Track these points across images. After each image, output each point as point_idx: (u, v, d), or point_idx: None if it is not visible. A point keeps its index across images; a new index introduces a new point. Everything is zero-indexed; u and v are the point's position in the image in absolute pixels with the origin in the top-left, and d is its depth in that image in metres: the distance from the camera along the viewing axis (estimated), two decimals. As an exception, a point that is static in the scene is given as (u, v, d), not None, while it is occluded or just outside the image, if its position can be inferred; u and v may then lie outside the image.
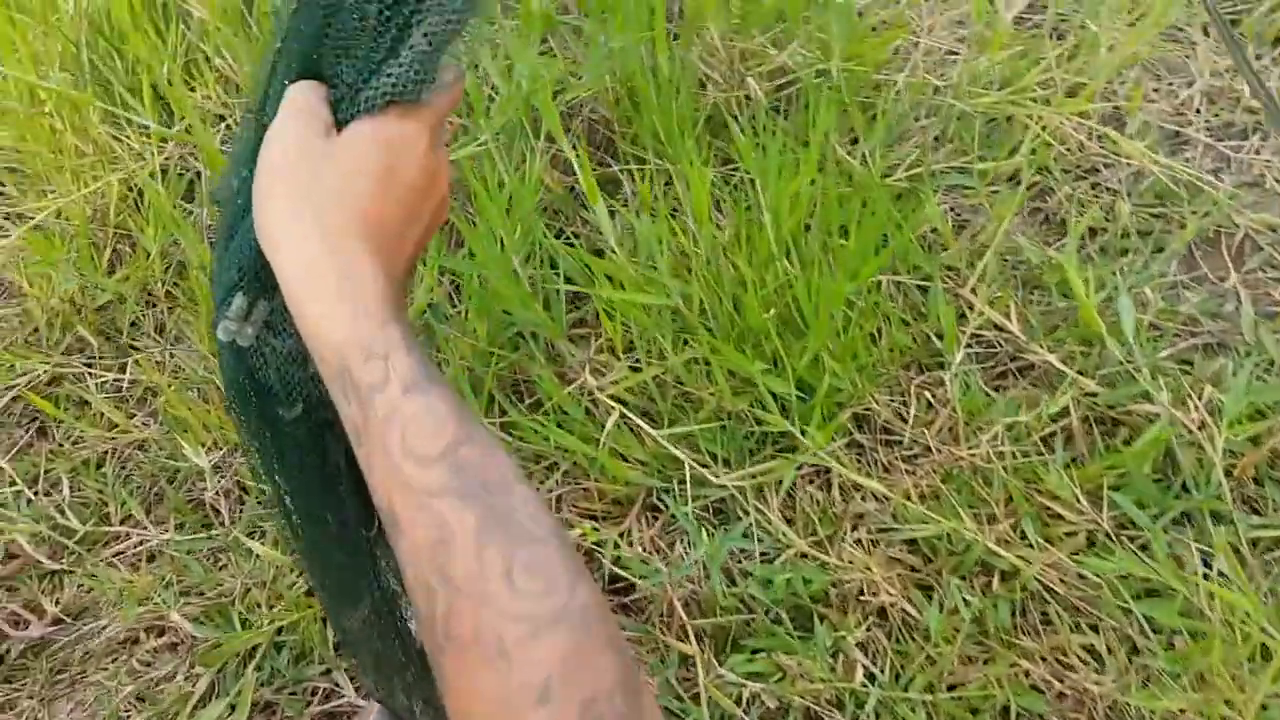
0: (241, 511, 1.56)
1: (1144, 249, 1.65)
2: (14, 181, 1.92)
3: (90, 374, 1.69)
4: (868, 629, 1.35)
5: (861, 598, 1.36)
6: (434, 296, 1.56)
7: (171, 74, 1.82)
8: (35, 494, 1.59)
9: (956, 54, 1.84)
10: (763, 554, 1.40)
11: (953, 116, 1.75)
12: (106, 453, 1.64)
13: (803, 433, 1.42)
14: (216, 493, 1.57)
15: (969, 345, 1.56)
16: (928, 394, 1.51)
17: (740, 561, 1.39)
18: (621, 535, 1.44)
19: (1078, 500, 1.40)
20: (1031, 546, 1.37)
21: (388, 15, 0.61)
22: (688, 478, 1.40)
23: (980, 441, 1.45)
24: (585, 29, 1.78)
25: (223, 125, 1.84)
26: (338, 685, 1.39)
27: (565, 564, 0.52)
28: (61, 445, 1.65)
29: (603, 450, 1.42)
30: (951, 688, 1.30)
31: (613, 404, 1.45)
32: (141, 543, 1.54)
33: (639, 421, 1.43)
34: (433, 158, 0.63)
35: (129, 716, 1.39)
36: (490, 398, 1.51)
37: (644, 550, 1.41)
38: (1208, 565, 1.33)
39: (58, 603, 1.48)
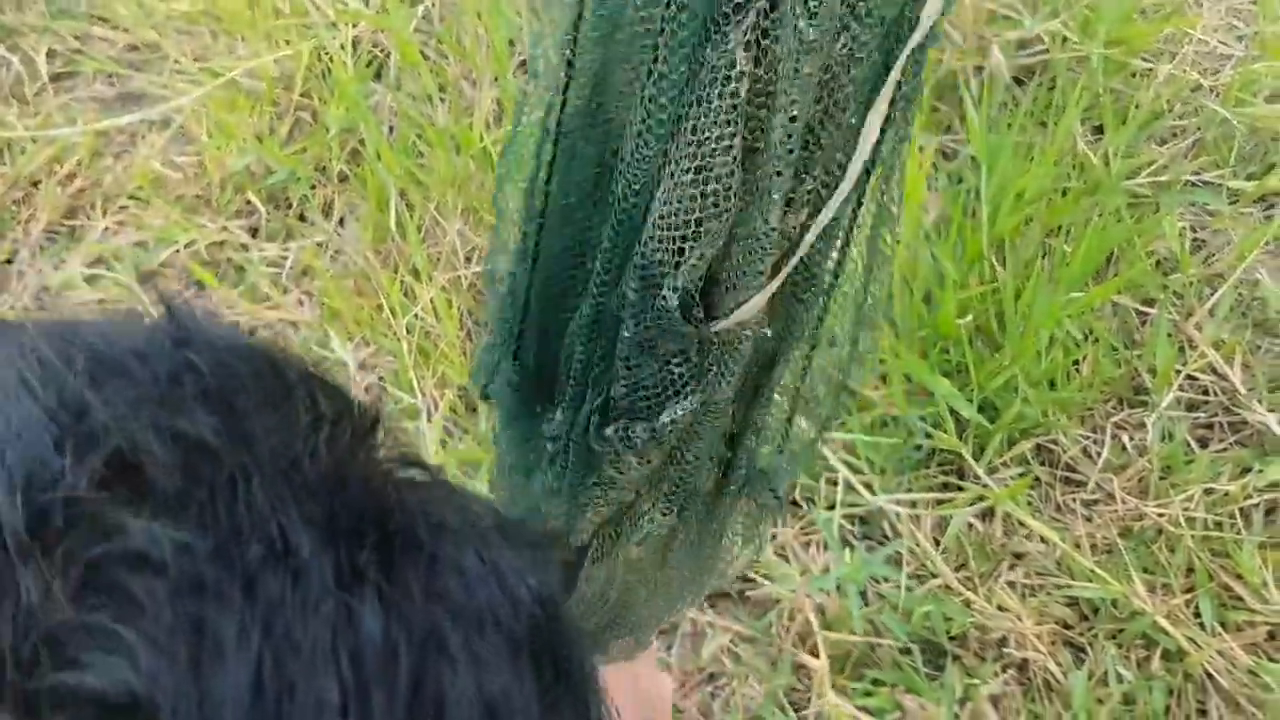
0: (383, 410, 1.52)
1: (1407, 314, 1.44)
2: (209, 26, 1.88)
3: (254, 244, 1.67)
4: (1004, 682, 1.23)
5: (1004, 647, 1.25)
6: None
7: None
8: (184, 355, 1.58)
9: (1232, 54, 1.63)
10: (906, 577, 1.29)
11: (1214, 123, 1.54)
12: (259, 325, 1.62)
13: (976, 457, 1.29)
14: (359, 389, 1.54)
15: (1181, 388, 1.39)
16: (1124, 436, 1.36)
17: (879, 582, 1.29)
18: (758, 525, 1.34)
19: (1265, 587, 1.25)
20: (1204, 629, 1.24)
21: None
22: (840, 482, 1.30)
23: (1172, 500, 1.30)
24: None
25: (419, 8, 1.76)
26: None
27: None
28: (216, 310, 1.64)
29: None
30: (1085, 769, 1.19)
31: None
32: (276, 426, 1.52)
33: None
34: None
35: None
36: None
37: (777, 550, 1.32)
38: None
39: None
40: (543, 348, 0.65)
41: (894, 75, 0.48)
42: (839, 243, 0.58)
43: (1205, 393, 1.41)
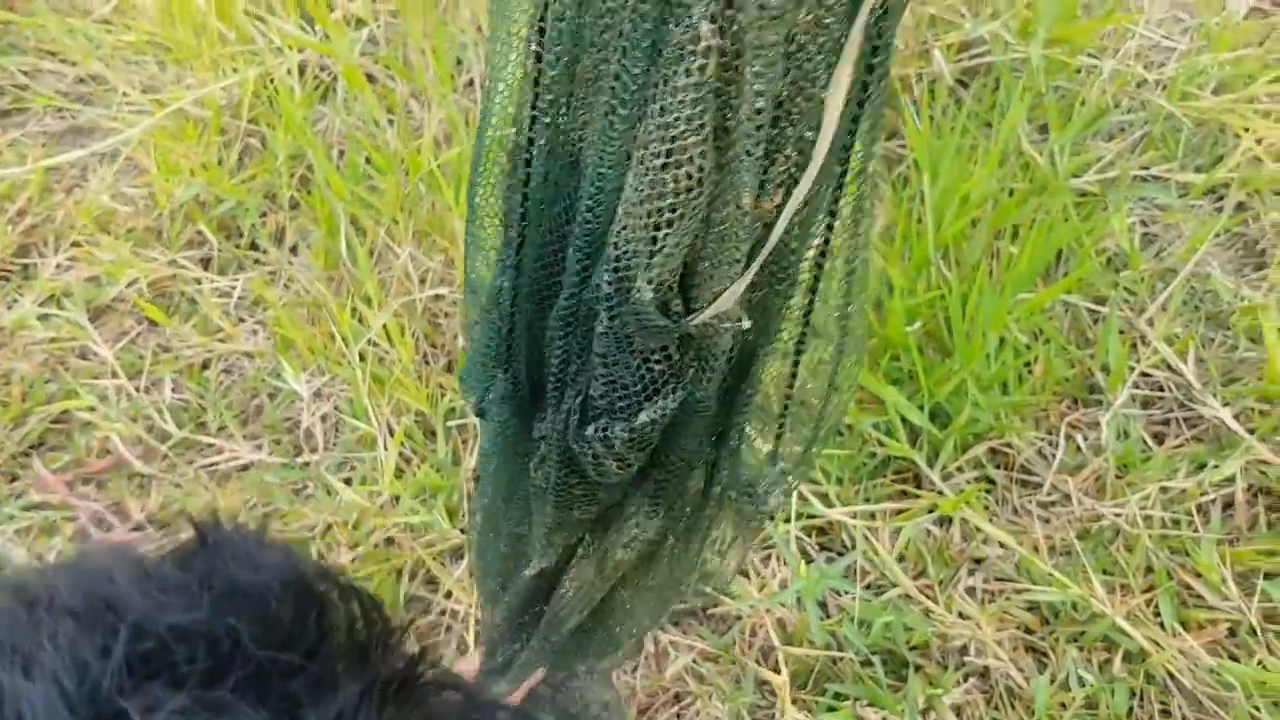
0: (336, 441, 1.51)
1: (1358, 302, 1.44)
2: (156, 56, 1.87)
3: (205, 276, 1.66)
4: (967, 690, 1.23)
5: (966, 655, 1.24)
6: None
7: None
8: (137, 389, 1.57)
9: (1176, 47, 1.62)
10: (865, 587, 1.28)
11: (1159, 118, 1.54)
12: (212, 358, 1.61)
13: (930, 463, 1.29)
14: (314, 419, 1.53)
15: (1135, 385, 1.39)
16: (1079, 436, 1.36)
17: (839, 595, 1.28)
18: (716, 540, 1.34)
19: (1225, 584, 1.25)
20: (1165, 629, 1.23)
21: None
22: (795, 494, 1.29)
23: (1129, 500, 1.30)
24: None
25: (364, 31, 1.75)
26: (403, 646, 1.34)
27: None
28: (169, 343, 1.62)
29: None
30: (1049, 774, 1.18)
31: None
32: (232, 458, 1.51)
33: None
34: None
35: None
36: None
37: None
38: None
39: (143, 508, 1.47)
40: (533, 355, 0.64)
41: (855, 34, 0.46)
42: (819, 231, 0.56)
43: (1160, 389, 1.41)
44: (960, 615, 1.25)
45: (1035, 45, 1.48)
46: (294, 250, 1.68)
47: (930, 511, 1.28)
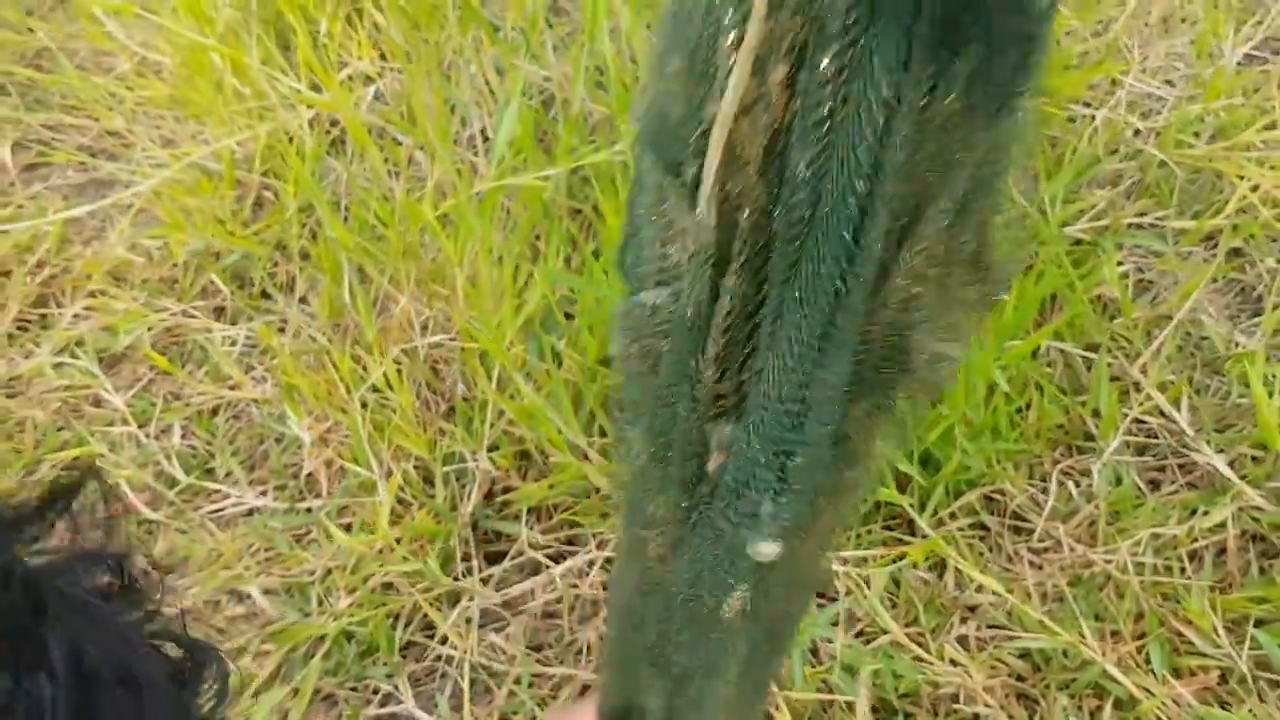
0: (338, 486, 1.54)
1: (1353, 349, 1.44)
2: (175, 112, 1.93)
3: (216, 325, 1.70)
4: (956, 738, 1.23)
5: (956, 702, 1.24)
6: (551, 301, 1.48)
7: (331, 28, 1.78)
8: (146, 435, 1.61)
9: (1168, 97, 1.64)
10: (855, 634, 1.29)
11: (1152, 165, 1.56)
12: (221, 404, 1.64)
13: (921, 510, 1.29)
14: (316, 464, 1.55)
15: (1129, 432, 1.39)
16: (1071, 483, 1.36)
17: (829, 641, 1.29)
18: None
19: (1216, 633, 1.24)
20: (1155, 676, 1.23)
21: None
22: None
23: (1120, 547, 1.30)
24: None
25: (372, 87, 1.80)
26: (397, 689, 1.36)
27: None
28: (180, 391, 1.66)
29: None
30: (1038, 824, 1.18)
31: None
32: (238, 504, 1.53)
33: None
34: None
35: (198, 682, 1.39)
36: (591, 415, 1.44)
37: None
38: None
39: (147, 555, 1.49)
40: None
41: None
42: None
43: (1152, 435, 1.41)
44: (951, 662, 1.25)
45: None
46: (304, 300, 1.72)
47: (899, 560, 1.29)
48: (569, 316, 1.51)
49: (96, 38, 2.01)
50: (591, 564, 1.41)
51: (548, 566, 1.42)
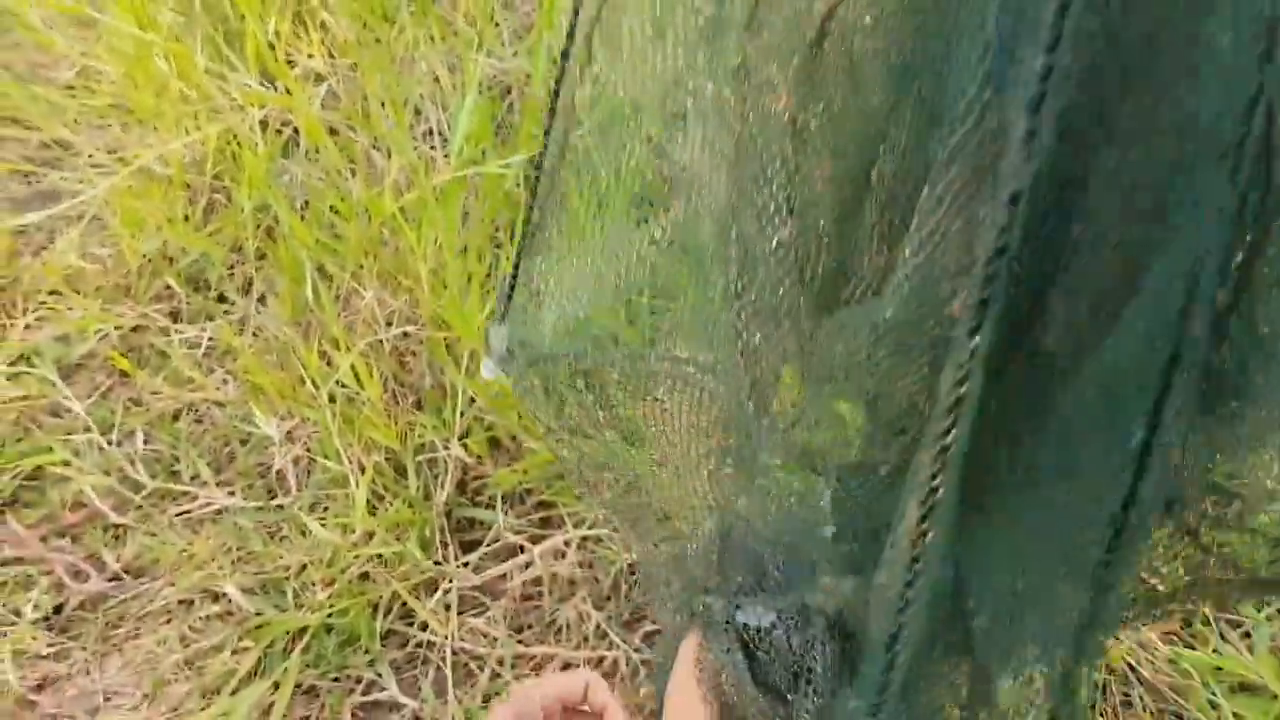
0: (308, 482, 1.54)
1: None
2: (119, 120, 1.91)
3: (174, 328, 1.68)
4: (935, 691, 1.26)
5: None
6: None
7: (279, 28, 1.78)
8: (109, 442, 1.59)
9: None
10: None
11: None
12: (182, 408, 1.63)
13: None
14: (285, 461, 1.55)
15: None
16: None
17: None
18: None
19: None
20: (1122, 621, 1.27)
21: None
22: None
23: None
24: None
25: (324, 86, 1.80)
26: (380, 677, 1.36)
27: None
28: (140, 396, 1.65)
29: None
30: (1018, 766, 1.21)
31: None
32: (206, 505, 1.52)
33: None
34: None
35: (175, 682, 1.38)
36: (561, 399, 1.45)
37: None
38: (1318, 670, 1.21)
39: (119, 558, 1.48)
40: None
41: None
42: None
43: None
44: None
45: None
46: (261, 300, 1.71)
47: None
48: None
49: (39, 41, 1.99)
50: (568, 543, 1.42)
51: (524, 549, 1.43)
